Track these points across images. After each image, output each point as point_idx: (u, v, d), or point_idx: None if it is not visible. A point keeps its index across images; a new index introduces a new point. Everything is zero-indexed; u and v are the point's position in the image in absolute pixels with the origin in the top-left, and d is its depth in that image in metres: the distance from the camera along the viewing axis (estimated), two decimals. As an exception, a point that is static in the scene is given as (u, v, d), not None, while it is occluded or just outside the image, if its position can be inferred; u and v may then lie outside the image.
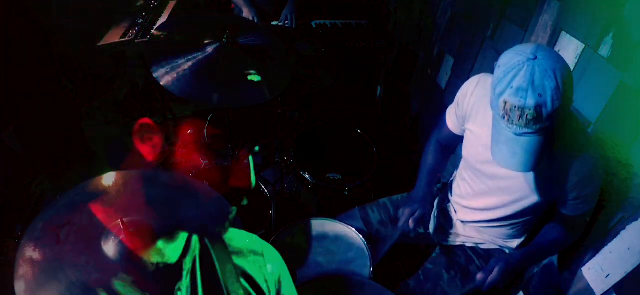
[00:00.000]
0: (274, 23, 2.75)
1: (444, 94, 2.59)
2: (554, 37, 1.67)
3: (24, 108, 2.35)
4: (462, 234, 1.66)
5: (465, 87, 1.48)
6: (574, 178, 1.24)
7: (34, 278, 0.71)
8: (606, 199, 1.39)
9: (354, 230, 1.68)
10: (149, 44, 2.10)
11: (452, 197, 1.69)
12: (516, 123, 1.08)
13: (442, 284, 1.58)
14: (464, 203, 1.61)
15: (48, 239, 0.73)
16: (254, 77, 1.60)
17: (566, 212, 1.34)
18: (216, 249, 0.80)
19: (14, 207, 2.36)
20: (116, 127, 3.02)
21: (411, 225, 1.54)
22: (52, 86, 2.57)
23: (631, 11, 1.32)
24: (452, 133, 1.59)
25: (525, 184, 1.34)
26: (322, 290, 1.43)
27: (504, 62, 1.11)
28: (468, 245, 1.67)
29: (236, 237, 0.84)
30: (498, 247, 1.62)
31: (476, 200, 1.54)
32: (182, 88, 1.54)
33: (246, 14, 2.59)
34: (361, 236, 1.66)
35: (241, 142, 2.99)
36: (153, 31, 2.46)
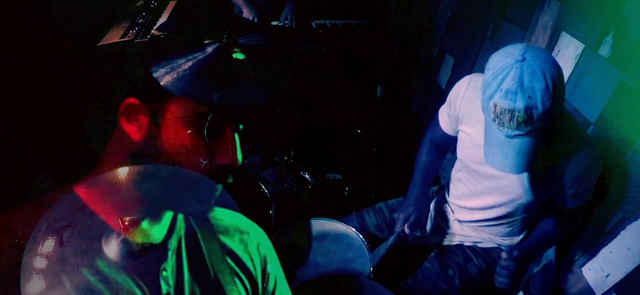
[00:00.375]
0: (274, 23, 2.75)
1: (444, 94, 2.58)
2: (554, 37, 1.67)
3: (24, 108, 2.35)
4: (460, 234, 1.66)
5: (456, 88, 1.47)
6: (571, 175, 1.24)
7: (42, 281, 0.71)
8: (606, 197, 1.39)
9: (354, 230, 1.68)
10: (149, 44, 2.10)
11: (449, 198, 1.69)
12: (507, 126, 1.08)
13: (441, 283, 1.58)
14: (461, 203, 1.61)
15: (52, 242, 0.73)
16: (239, 56, 1.60)
17: (562, 206, 1.35)
18: (202, 228, 0.80)
19: (14, 207, 2.36)
20: (116, 127, 3.02)
21: (407, 230, 1.54)
22: (52, 86, 2.57)
23: (631, 11, 1.32)
24: (446, 134, 1.59)
25: (520, 184, 1.34)
26: (322, 290, 1.44)
27: (493, 65, 1.10)
28: (466, 244, 1.67)
29: (222, 216, 0.84)
30: (496, 246, 1.62)
31: (473, 200, 1.54)
32: (182, 88, 1.54)
33: (246, 14, 2.59)
34: (361, 236, 1.66)
35: (241, 142, 3.00)
36: (153, 31, 2.45)
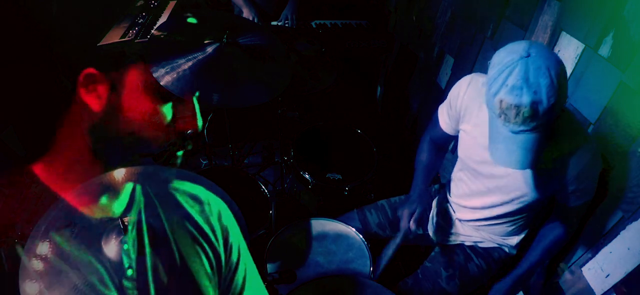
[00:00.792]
0: (274, 23, 2.75)
1: (444, 94, 2.58)
2: (554, 37, 1.67)
3: (24, 108, 2.35)
4: (461, 233, 1.66)
5: (456, 88, 1.47)
6: (573, 172, 1.24)
7: (43, 281, 0.71)
8: (606, 197, 1.39)
9: (354, 230, 1.68)
10: (149, 44, 2.10)
11: (451, 197, 1.69)
12: (513, 121, 1.08)
13: (441, 283, 1.58)
14: (462, 202, 1.61)
15: (52, 241, 0.73)
16: (192, 20, 1.59)
17: (564, 204, 1.34)
18: (161, 201, 0.79)
19: (14, 207, 2.36)
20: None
21: (412, 226, 1.54)
22: (52, 86, 2.57)
23: (631, 11, 1.32)
24: (446, 133, 1.59)
25: (522, 182, 1.34)
26: (322, 290, 1.43)
27: (498, 61, 1.11)
28: (467, 243, 1.67)
29: (182, 188, 0.83)
30: (497, 245, 1.62)
31: (474, 199, 1.54)
32: (182, 88, 1.54)
33: (246, 14, 2.59)
34: (361, 236, 1.66)
35: (241, 142, 3.00)
36: (153, 31, 2.45)
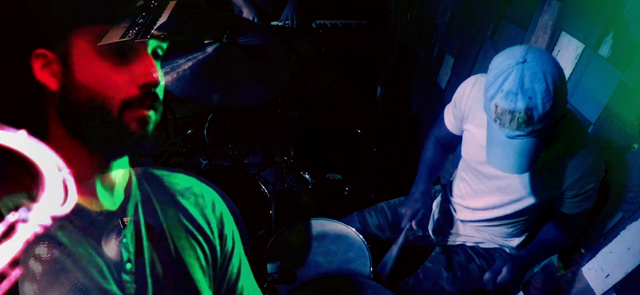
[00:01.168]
0: (274, 23, 2.75)
1: (444, 94, 2.59)
2: (554, 37, 1.67)
3: (24, 108, 2.35)
4: (462, 234, 1.66)
5: (462, 88, 1.48)
6: (573, 176, 1.24)
7: (40, 282, 0.71)
8: (606, 198, 1.39)
9: (354, 230, 1.68)
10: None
11: (452, 197, 1.69)
12: (508, 126, 1.09)
13: (442, 283, 1.58)
14: (464, 203, 1.61)
15: (49, 241, 0.73)
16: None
17: (565, 211, 1.34)
18: (157, 194, 0.79)
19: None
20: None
21: (414, 226, 1.54)
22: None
23: (631, 11, 1.32)
24: (451, 133, 1.59)
25: (524, 184, 1.34)
26: (322, 290, 1.43)
27: (495, 66, 1.12)
28: (468, 244, 1.67)
29: (176, 180, 0.84)
30: (498, 246, 1.62)
31: (476, 200, 1.54)
32: (182, 88, 1.54)
33: (246, 14, 2.59)
34: (361, 236, 1.66)
35: (241, 142, 3.00)
36: (153, 31, 2.45)
